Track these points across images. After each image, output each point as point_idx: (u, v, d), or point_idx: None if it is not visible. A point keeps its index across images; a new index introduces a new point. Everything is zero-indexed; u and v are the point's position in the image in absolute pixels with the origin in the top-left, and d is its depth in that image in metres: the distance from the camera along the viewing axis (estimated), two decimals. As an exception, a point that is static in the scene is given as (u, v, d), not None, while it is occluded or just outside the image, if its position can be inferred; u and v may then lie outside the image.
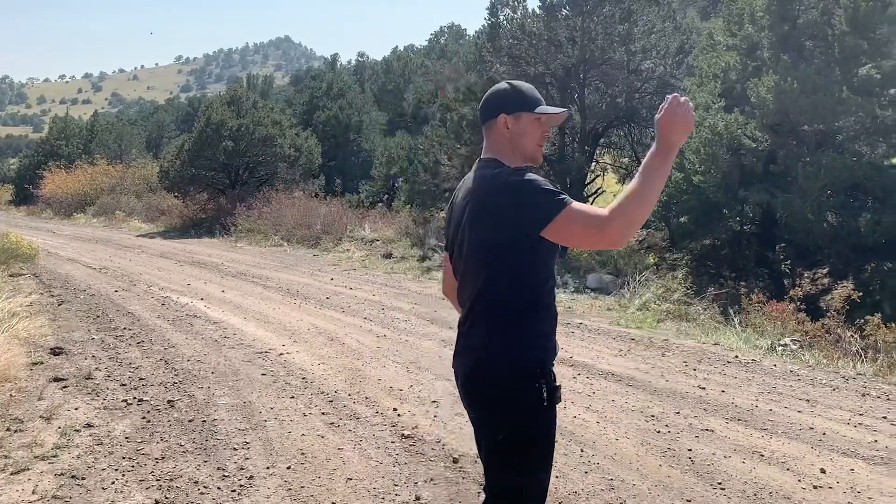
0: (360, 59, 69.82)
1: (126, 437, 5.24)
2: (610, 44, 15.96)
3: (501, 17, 16.83)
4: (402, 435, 5.32)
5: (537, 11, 16.64)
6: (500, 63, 16.53)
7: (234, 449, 5.05)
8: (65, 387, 6.43)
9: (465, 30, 59.21)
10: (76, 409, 5.84)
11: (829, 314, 9.82)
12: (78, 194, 32.84)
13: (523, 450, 2.53)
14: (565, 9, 16.18)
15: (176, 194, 26.34)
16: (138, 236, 22.70)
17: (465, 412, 2.73)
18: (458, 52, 42.60)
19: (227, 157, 25.08)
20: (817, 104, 12.63)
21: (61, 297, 11.05)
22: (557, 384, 2.55)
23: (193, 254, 17.19)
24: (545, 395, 2.50)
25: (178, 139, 36.01)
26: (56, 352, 7.65)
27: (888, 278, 13.02)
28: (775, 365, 7.51)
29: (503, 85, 2.77)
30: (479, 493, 4.29)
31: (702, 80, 15.32)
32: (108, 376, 6.79)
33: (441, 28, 60.72)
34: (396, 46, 53.32)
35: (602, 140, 18.99)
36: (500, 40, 16.55)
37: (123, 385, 6.52)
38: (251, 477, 4.59)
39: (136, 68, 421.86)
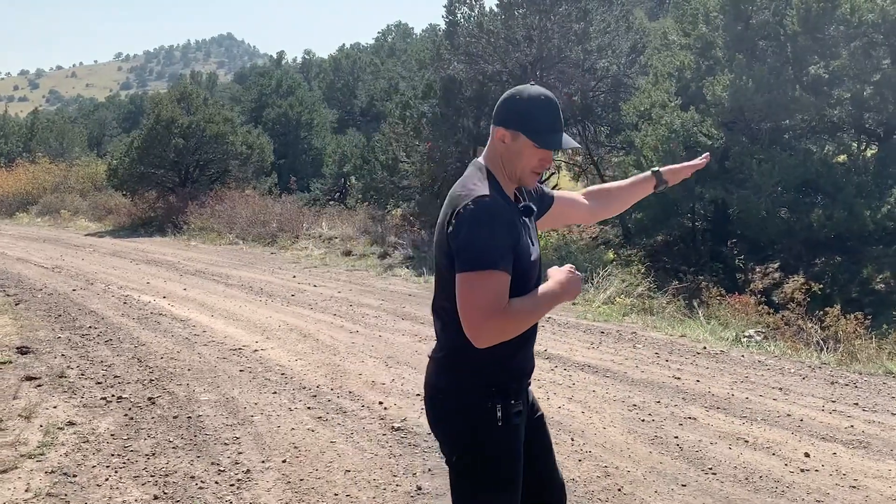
0: (306, 56, 69.38)
1: (112, 435, 5.16)
2: (566, 42, 16.13)
3: (459, 15, 16.86)
4: (393, 427, 5.34)
5: (495, 9, 16.75)
6: (457, 61, 16.58)
7: (225, 444, 5.02)
8: (39, 385, 6.30)
9: (413, 28, 59.26)
10: (55, 407, 5.73)
11: (789, 307, 10.08)
12: (20, 193, 31.95)
13: (477, 470, 2.42)
14: (522, 7, 16.29)
15: (125, 193, 25.83)
16: (87, 235, 22.20)
17: None
18: (407, 50, 42.59)
19: (178, 155, 24.66)
20: (771, 102, 12.96)
21: (18, 296, 10.79)
22: (518, 407, 2.44)
23: (147, 252, 16.90)
24: (499, 414, 2.39)
25: (122, 137, 35.25)
26: (23, 351, 7.48)
27: (839, 272, 13.43)
28: (743, 355, 7.69)
29: (517, 93, 2.48)
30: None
31: (657, 78, 15.60)
32: (82, 374, 6.67)
33: (388, 26, 60.61)
34: (343, 44, 53.14)
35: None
36: (458, 38, 16.60)
37: (99, 383, 6.41)
38: (248, 471, 4.57)
39: (74, 65, 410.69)
